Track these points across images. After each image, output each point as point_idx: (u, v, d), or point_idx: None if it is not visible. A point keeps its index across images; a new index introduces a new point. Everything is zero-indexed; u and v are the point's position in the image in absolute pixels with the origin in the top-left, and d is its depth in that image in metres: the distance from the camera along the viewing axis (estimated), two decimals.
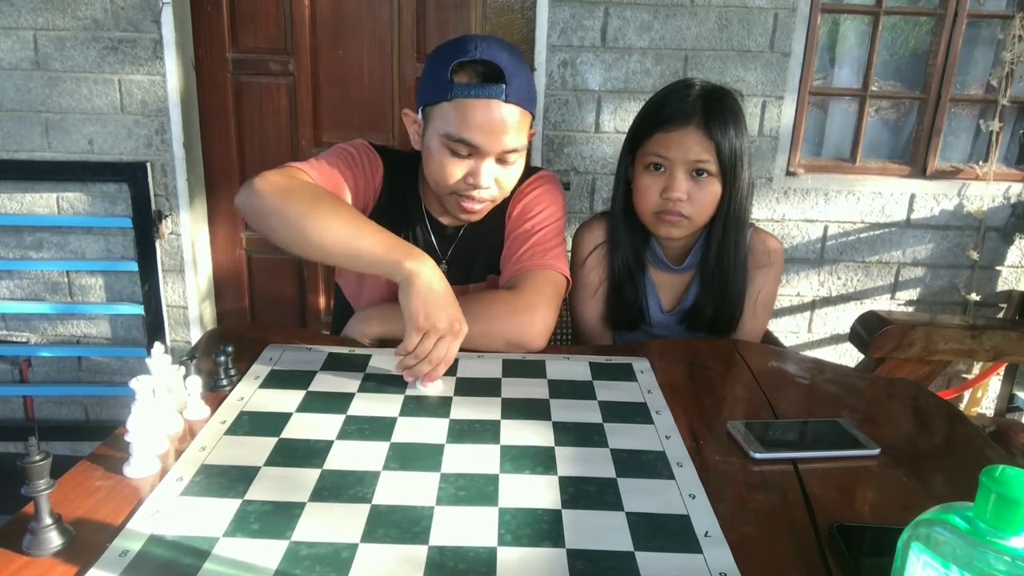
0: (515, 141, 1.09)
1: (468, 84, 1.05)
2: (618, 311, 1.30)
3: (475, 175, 1.10)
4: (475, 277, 1.29)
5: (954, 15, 2.19)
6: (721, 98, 1.18)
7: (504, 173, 1.13)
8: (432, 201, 1.25)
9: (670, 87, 1.22)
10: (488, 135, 1.06)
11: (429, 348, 0.94)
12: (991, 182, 2.27)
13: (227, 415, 0.88)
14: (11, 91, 2.20)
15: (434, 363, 0.94)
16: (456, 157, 1.10)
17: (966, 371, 2.40)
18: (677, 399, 0.96)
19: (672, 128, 1.16)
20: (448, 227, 1.27)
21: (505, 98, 1.05)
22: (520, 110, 1.08)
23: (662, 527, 0.69)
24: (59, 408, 2.51)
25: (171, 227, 2.32)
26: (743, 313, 1.27)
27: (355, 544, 0.65)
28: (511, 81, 1.05)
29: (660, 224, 1.21)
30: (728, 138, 1.15)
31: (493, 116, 1.06)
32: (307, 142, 2.36)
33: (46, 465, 0.63)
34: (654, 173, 1.19)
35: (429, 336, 0.94)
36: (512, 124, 1.07)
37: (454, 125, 1.07)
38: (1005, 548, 0.45)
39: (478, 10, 2.25)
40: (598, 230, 1.32)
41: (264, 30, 2.28)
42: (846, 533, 0.68)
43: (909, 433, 0.94)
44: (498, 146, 1.08)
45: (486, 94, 1.05)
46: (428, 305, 0.94)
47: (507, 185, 1.15)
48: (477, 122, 1.06)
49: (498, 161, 1.11)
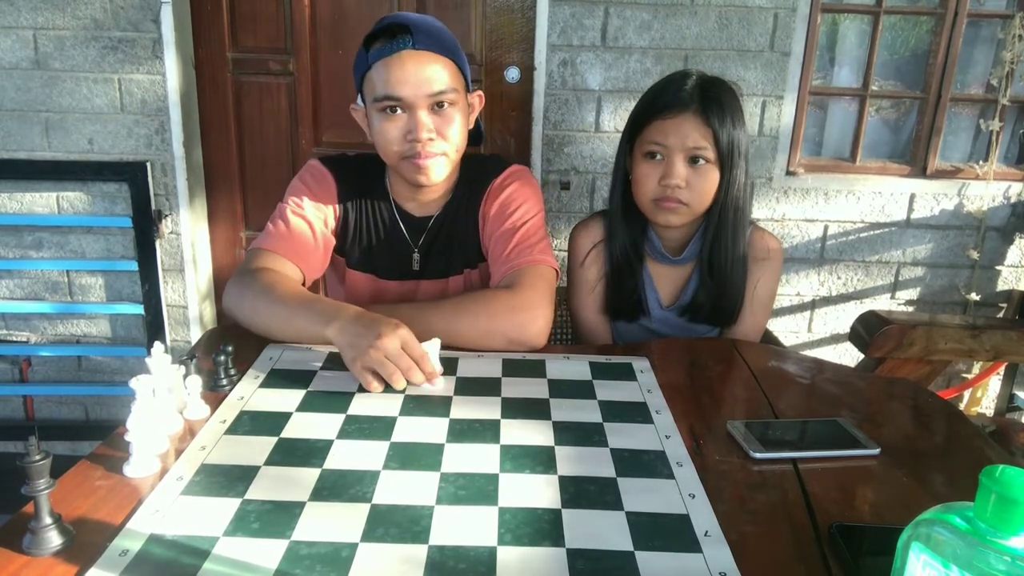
0: (437, 86, 1.13)
1: (380, 47, 1.13)
2: (618, 301, 1.31)
3: (414, 129, 1.14)
4: (453, 270, 1.31)
5: (954, 15, 2.19)
6: (718, 87, 1.20)
7: (443, 124, 1.16)
8: (400, 192, 1.28)
9: (668, 77, 1.24)
10: (407, 85, 1.12)
11: (383, 360, 0.92)
12: (991, 182, 2.27)
13: (227, 415, 0.88)
14: (11, 91, 2.20)
15: (401, 363, 0.93)
16: (391, 119, 1.15)
17: (966, 371, 2.40)
18: (677, 399, 0.96)
19: (670, 115, 1.18)
20: (419, 217, 1.29)
21: (413, 46, 1.11)
22: (435, 55, 1.13)
23: (662, 527, 0.69)
24: (59, 408, 2.51)
25: (171, 226, 2.32)
26: (742, 308, 1.28)
27: (355, 543, 0.65)
28: (416, 31, 1.12)
29: (659, 211, 1.22)
30: (725, 126, 1.17)
31: (407, 65, 1.12)
32: (307, 142, 2.36)
33: (46, 465, 0.63)
34: (652, 161, 1.21)
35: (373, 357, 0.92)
36: (429, 69, 1.12)
37: (378, 87, 1.13)
38: (1005, 548, 0.45)
39: (478, 10, 2.24)
40: (595, 229, 1.33)
41: (264, 30, 2.28)
42: (846, 533, 0.68)
43: (909, 433, 0.94)
44: (421, 91, 1.12)
45: (394, 48, 1.12)
46: (354, 342, 0.95)
47: (453, 137, 1.17)
48: (395, 76, 1.12)
49: (433, 111, 1.15)
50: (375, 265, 1.30)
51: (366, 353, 0.93)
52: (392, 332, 0.94)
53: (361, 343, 0.94)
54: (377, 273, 1.31)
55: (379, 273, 1.31)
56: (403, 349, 0.94)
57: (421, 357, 0.95)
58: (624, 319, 1.33)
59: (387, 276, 1.31)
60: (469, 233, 1.29)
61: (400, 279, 1.31)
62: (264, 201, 2.41)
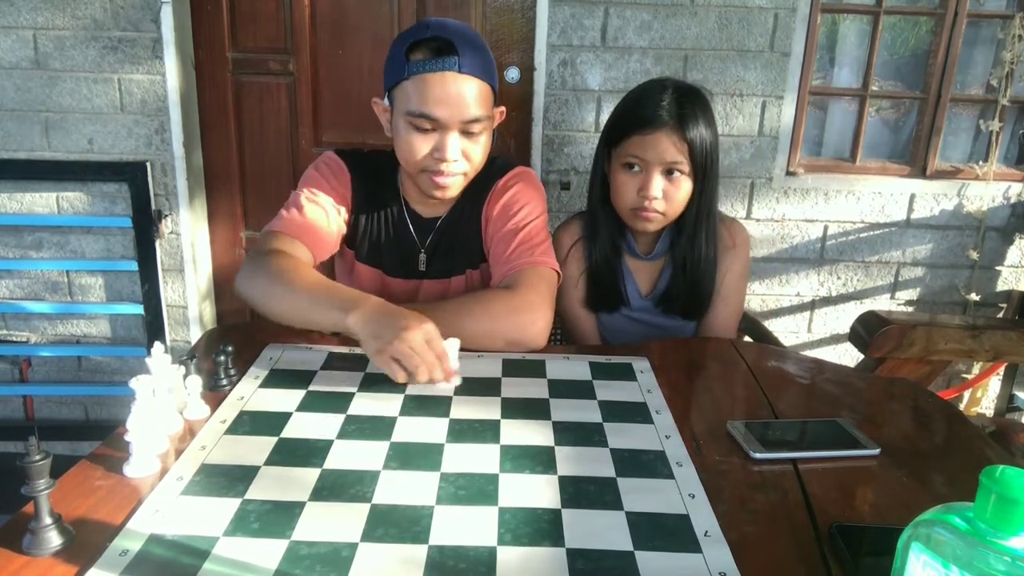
0: (475, 111, 1.12)
1: (423, 60, 1.10)
2: (598, 294, 1.36)
3: (441, 149, 1.13)
4: (456, 271, 1.31)
5: (954, 15, 2.19)
6: (693, 99, 1.23)
7: (470, 146, 1.16)
8: (411, 192, 1.28)
9: (644, 88, 1.28)
10: (446, 107, 1.10)
11: (410, 352, 0.92)
12: (991, 182, 2.27)
13: (227, 414, 0.88)
14: (11, 91, 2.20)
15: (426, 357, 0.92)
16: (421, 133, 1.13)
17: (966, 371, 2.40)
18: (677, 399, 0.96)
19: (648, 131, 1.21)
20: (427, 218, 1.29)
21: (459, 69, 1.09)
22: (477, 81, 1.12)
23: (662, 527, 0.69)
24: (59, 408, 2.51)
25: (171, 226, 2.32)
26: (715, 298, 1.33)
27: (355, 543, 0.65)
28: (463, 53, 1.09)
29: (637, 219, 1.27)
30: (701, 138, 1.21)
31: (449, 87, 1.10)
32: (307, 142, 2.36)
33: (46, 465, 0.63)
34: (630, 172, 1.25)
35: (399, 349, 0.92)
36: (469, 94, 1.11)
37: (414, 101, 1.11)
38: (1005, 548, 0.45)
39: (478, 10, 2.24)
40: (574, 228, 1.39)
41: (264, 30, 2.28)
42: (846, 533, 0.68)
43: (909, 433, 0.94)
44: (458, 116, 1.11)
45: (440, 67, 1.09)
46: (378, 332, 0.94)
47: (475, 158, 1.17)
48: (434, 95, 1.10)
49: (463, 134, 1.14)
50: (382, 261, 1.31)
51: (391, 344, 0.92)
52: (418, 325, 0.93)
53: (386, 334, 0.93)
54: (384, 269, 1.31)
55: (386, 269, 1.31)
56: (427, 344, 0.93)
57: (443, 355, 0.95)
58: (606, 310, 1.38)
59: (393, 273, 1.31)
60: (472, 233, 1.29)
61: (405, 278, 1.31)
62: (264, 201, 2.41)
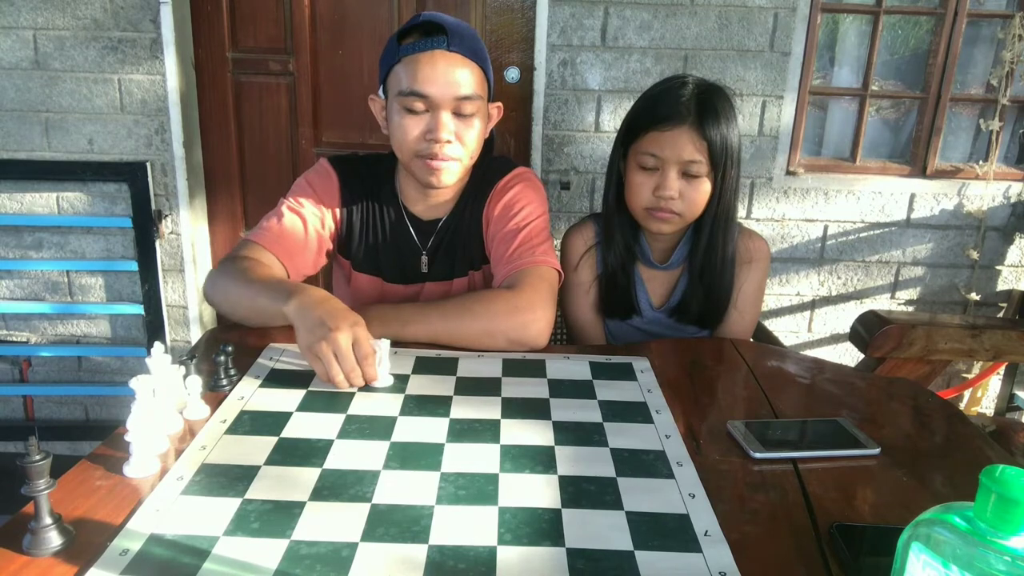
0: (465, 89, 1.14)
1: (413, 42, 1.13)
2: (611, 300, 1.32)
3: (434, 129, 1.14)
4: (457, 272, 1.31)
5: (954, 15, 2.19)
6: (714, 97, 1.19)
7: (464, 128, 1.16)
8: (410, 195, 1.28)
9: (664, 84, 1.23)
10: (435, 84, 1.12)
11: (330, 357, 0.92)
12: (991, 182, 2.27)
13: (227, 414, 0.88)
14: (11, 91, 2.20)
15: (345, 363, 0.92)
16: (413, 115, 1.15)
17: (966, 371, 2.40)
18: (677, 399, 0.96)
19: (666, 128, 1.17)
20: (427, 220, 1.29)
21: (447, 47, 1.12)
22: (467, 61, 1.14)
23: (662, 526, 0.69)
24: (59, 408, 2.51)
25: (171, 227, 2.32)
26: (730, 309, 1.29)
27: (355, 543, 0.65)
28: (452, 33, 1.13)
29: (652, 220, 1.23)
30: (721, 136, 1.17)
31: (438, 64, 1.12)
32: (307, 142, 2.36)
33: (46, 465, 0.63)
34: (647, 171, 1.21)
35: (321, 349, 0.92)
36: (459, 72, 1.13)
37: (405, 82, 1.13)
38: (1005, 548, 0.45)
39: (478, 10, 2.25)
40: (588, 232, 1.34)
41: (264, 30, 2.28)
42: (846, 533, 0.68)
43: (909, 433, 0.94)
44: (449, 93, 1.13)
45: (429, 46, 1.12)
46: (311, 328, 0.94)
47: (470, 144, 1.18)
48: (424, 73, 1.12)
49: (455, 115, 1.15)
50: (381, 268, 1.30)
51: (318, 343, 0.92)
52: (347, 329, 0.93)
53: (316, 330, 0.93)
54: (383, 276, 1.31)
55: (385, 276, 1.31)
56: (353, 347, 0.93)
57: (364, 357, 0.94)
58: (617, 318, 1.34)
59: (393, 279, 1.31)
60: (473, 235, 1.29)
61: (407, 282, 1.31)
62: (264, 201, 2.40)
